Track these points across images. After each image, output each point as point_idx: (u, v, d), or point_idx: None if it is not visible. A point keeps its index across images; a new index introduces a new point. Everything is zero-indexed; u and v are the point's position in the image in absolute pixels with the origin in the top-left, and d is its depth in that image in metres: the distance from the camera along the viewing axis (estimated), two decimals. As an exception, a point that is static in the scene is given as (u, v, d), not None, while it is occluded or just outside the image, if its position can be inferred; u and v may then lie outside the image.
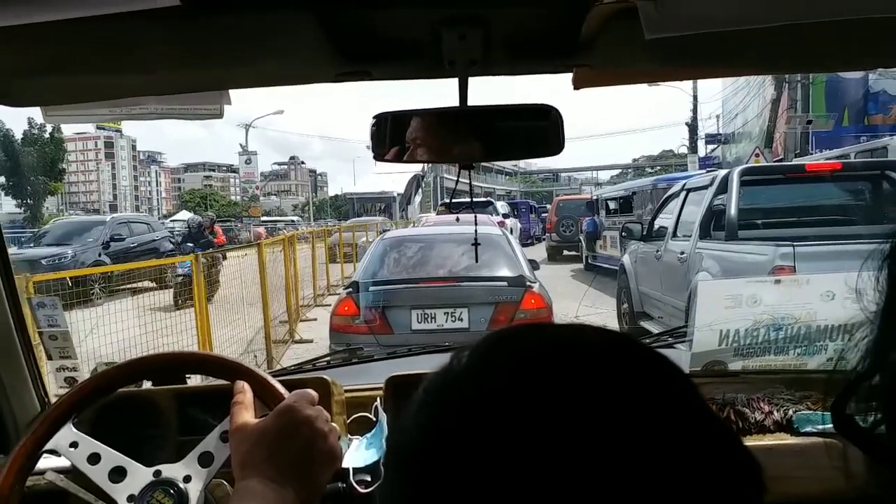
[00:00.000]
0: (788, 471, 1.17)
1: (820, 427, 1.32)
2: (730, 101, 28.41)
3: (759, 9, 0.76)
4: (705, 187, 6.46)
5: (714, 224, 6.11)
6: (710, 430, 0.42)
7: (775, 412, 1.39)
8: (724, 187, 6.00)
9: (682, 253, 6.37)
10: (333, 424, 0.93)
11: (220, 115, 1.18)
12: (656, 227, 7.70)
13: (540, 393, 0.40)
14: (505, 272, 5.44)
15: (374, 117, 1.14)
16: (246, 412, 0.94)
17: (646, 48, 0.84)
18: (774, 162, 18.15)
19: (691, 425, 0.41)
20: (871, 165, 6.67)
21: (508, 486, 0.37)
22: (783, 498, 1.05)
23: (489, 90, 1.25)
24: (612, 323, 8.55)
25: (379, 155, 1.14)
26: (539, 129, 1.14)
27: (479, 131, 1.12)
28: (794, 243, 4.74)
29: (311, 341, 8.17)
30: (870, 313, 0.47)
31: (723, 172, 6.54)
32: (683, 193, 7.13)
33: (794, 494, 1.08)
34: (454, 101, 1.12)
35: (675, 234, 6.88)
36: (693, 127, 30.85)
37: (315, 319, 9.76)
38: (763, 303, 1.49)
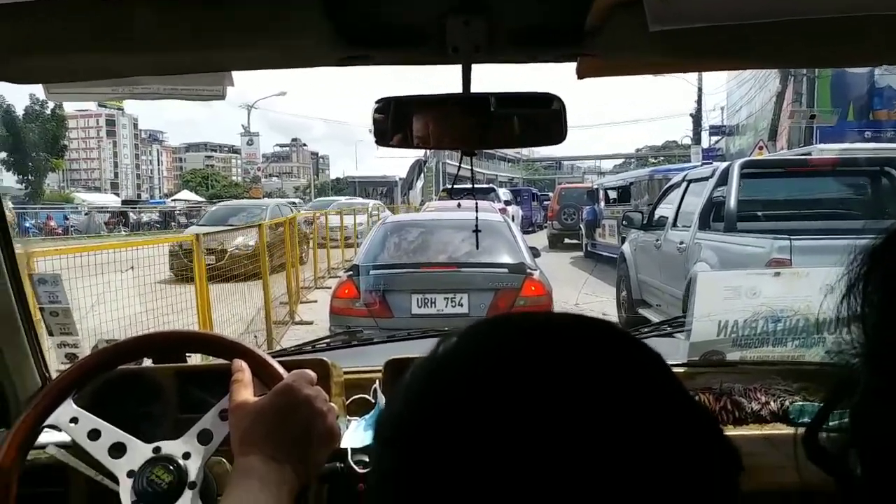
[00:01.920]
0: (784, 460, 1.18)
1: (815, 419, 1.33)
2: (734, 94, 28.29)
3: (764, 4, 0.76)
4: (706, 179, 6.48)
5: (714, 215, 6.15)
6: (686, 413, 0.43)
7: (772, 402, 1.40)
8: (724, 179, 6.03)
9: (682, 243, 6.42)
10: (332, 404, 0.94)
11: (222, 97, 1.18)
12: (656, 216, 7.76)
13: (517, 378, 0.41)
14: (505, 259, 5.46)
15: (377, 102, 1.14)
16: (245, 390, 0.95)
17: (650, 40, 0.83)
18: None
19: (668, 409, 0.42)
20: (871, 161, 6.69)
21: (484, 468, 0.38)
22: (778, 487, 1.06)
23: (492, 77, 1.24)
24: (612, 310, 8.60)
25: (381, 139, 1.14)
26: (542, 118, 1.14)
27: (482, 118, 1.11)
28: (792, 237, 4.78)
29: (311, 323, 8.20)
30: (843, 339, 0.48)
31: (724, 164, 6.56)
32: (684, 184, 7.17)
33: (789, 484, 1.09)
34: (457, 88, 1.12)
35: (675, 224, 6.93)
36: (697, 118, 30.71)
37: (315, 301, 9.80)
38: (762, 295, 1.50)
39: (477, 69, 1.09)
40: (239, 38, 0.98)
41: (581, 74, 1.09)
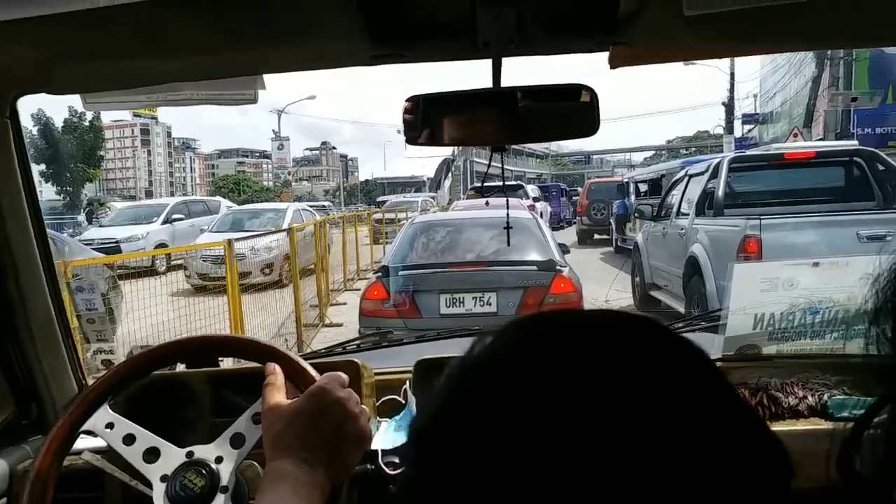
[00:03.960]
0: (822, 456, 1.15)
1: (855, 412, 1.29)
2: (768, 80, 27.71)
3: None
4: (703, 173, 7.45)
5: (707, 204, 7.06)
6: (735, 414, 0.41)
7: (809, 397, 1.37)
8: (716, 172, 7.01)
9: (683, 229, 7.36)
10: (364, 407, 0.93)
11: (254, 101, 1.19)
12: (664, 208, 8.63)
13: (559, 378, 0.39)
14: (534, 256, 5.42)
15: (407, 100, 1.14)
16: (277, 393, 0.95)
17: (685, 25, 0.81)
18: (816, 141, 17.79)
19: (717, 410, 0.40)
20: (842, 152, 7.62)
21: (522, 471, 0.37)
22: (816, 483, 1.03)
23: (521, 73, 1.23)
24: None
25: (411, 138, 1.14)
26: (574, 110, 1.12)
27: (513, 112, 1.10)
28: (762, 217, 5.65)
29: (340, 325, 8.26)
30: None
31: (716, 159, 7.50)
32: (686, 178, 8.10)
33: (827, 479, 1.06)
34: (487, 84, 1.11)
35: (678, 214, 7.85)
36: (730, 107, 30.17)
37: (345, 304, 9.85)
38: (800, 286, 1.46)
39: (506, 65, 1.08)
40: (271, 40, 0.98)
41: (614, 64, 1.07)
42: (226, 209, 17.84)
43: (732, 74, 29.71)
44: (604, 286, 8.80)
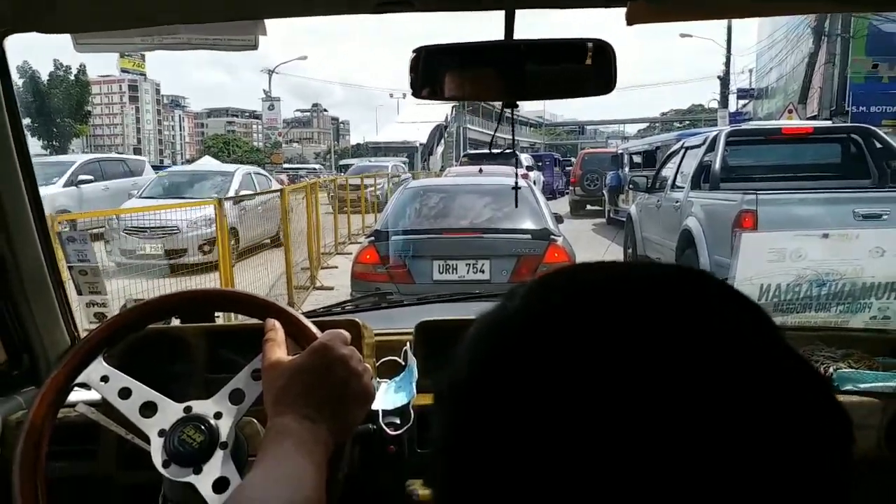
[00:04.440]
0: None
1: (861, 386, 1.28)
2: (764, 55, 27.52)
3: None
4: (699, 146, 7.31)
5: (703, 177, 6.98)
6: (802, 374, 0.38)
7: (815, 369, 1.36)
8: (713, 146, 6.91)
9: (677, 202, 7.25)
10: (367, 365, 0.91)
11: (254, 46, 1.14)
12: (659, 180, 8.56)
13: (606, 327, 0.36)
14: (529, 224, 5.37)
15: (415, 51, 1.09)
16: (278, 349, 0.92)
17: None
18: (809, 119, 17.69)
19: (782, 369, 0.37)
20: (839, 129, 7.69)
21: (564, 425, 0.34)
22: None
23: (533, 31, 1.18)
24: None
25: (418, 90, 1.09)
26: (590, 67, 1.07)
27: (525, 67, 1.05)
28: (758, 192, 5.56)
29: (332, 289, 8.21)
30: None
31: (714, 132, 7.39)
32: (682, 151, 7.97)
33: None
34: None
35: (673, 186, 7.75)
36: (725, 80, 29.98)
37: (336, 267, 9.80)
38: (808, 257, 1.44)
39: (519, 22, 1.03)
40: None
41: (631, 20, 1.03)
42: (151, 171, 15.51)
43: (729, 48, 29.51)
44: (596, 257, 8.83)
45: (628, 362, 0.35)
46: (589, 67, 1.07)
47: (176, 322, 1.33)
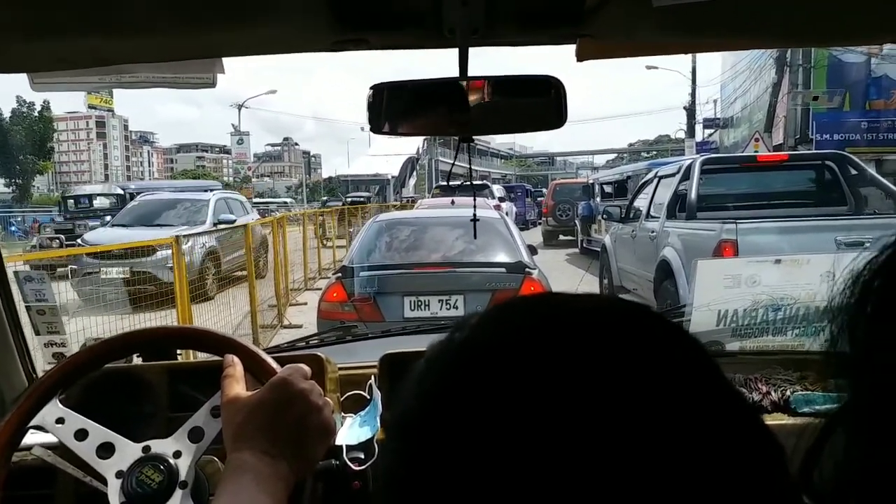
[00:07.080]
0: (787, 451, 1.17)
1: (817, 408, 1.31)
2: (728, 86, 28.28)
3: None
4: (674, 175, 7.29)
5: (679, 206, 6.94)
6: (732, 406, 0.39)
7: (773, 392, 1.38)
8: (687, 174, 6.88)
9: (653, 231, 7.19)
10: (327, 399, 0.91)
11: (212, 84, 1.15)
12: (633, 210, 8.50)
13: (548, 360, 0.37)
14: (503, 258, 5.27)
15: (371, 88, 1.11)
16: (237, 385, 0.92)
17: (652, 18, 0.81)
18: (774, 148, 18.14)
19: (713, 401, 0.38)
20: (813, 156, 7.80)
21: (509, 455, 0.35)
22: None
23: (488, 65, 1.21)
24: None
25: (376, 127, 1.12)
26: (541, 102, 1.11)
27: (479, 103, 1.08)
28: (738, 221, 5.52)
29: (300, 326, 7.95)
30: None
31: (688, 161, 7.40)
32: (656, 180, 7.97)
33: (792, 475, 1.07)
34: (454, 75, 1.09)
35: (647, 216, 7.70)
36: (691, 111, 30.70)
37: (305, 304, 9.58)
38: (762, 283, 1.48)
39: (473, 56, 1.06)
40: (230, 22, 0.94)
41: (580, 57, 1.07)
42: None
43: (694, 78, 30.28)
44: (571, 287, 8.82)
45: (562, 395, 0.36)
46: (540, 102, 1.11)
47: (137, 360, 1.32)
